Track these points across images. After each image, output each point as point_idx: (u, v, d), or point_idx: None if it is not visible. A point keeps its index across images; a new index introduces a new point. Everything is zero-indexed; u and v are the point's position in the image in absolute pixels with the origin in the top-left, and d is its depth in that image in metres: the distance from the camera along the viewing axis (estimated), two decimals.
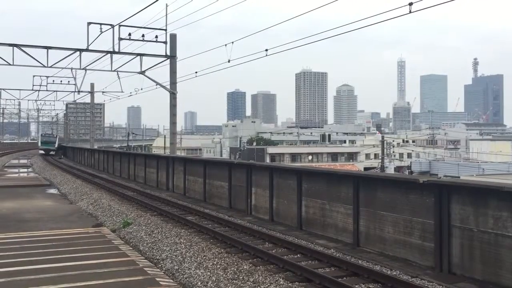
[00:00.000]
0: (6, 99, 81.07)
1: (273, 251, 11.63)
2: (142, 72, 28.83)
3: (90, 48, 26.42)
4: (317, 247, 12.01)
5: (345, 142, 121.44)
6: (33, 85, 44.86)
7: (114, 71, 29.77)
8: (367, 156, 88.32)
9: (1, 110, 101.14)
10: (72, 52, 26.90)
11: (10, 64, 26.57)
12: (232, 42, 22.05)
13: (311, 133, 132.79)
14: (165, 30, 26.52)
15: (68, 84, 45.44)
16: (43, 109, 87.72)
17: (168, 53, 27.50)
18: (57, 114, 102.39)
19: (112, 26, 25.73)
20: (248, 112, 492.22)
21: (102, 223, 17.24)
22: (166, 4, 26.17)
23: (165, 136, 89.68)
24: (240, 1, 20.75)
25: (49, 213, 18.64)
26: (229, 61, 22.77)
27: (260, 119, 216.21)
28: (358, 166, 78.72)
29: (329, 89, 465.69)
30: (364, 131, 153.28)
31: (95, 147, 59.66)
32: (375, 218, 11.64)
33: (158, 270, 10.86)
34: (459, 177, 40.30)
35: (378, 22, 13.07)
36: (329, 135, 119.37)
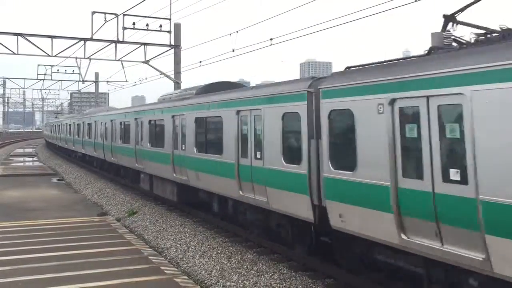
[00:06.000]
0: (11, 88, 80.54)
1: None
2: (147, 62, 28.75)
3: (94, 37, 26.34)
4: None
5: None
6: (38, 74, 44.93)
7: (119, 60, 29.68)
8: None
9: (6, 99, 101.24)
10: (76, 41, 26.81)
11: (14, 53, 26.53)
12: (237, 31, 21.85)
13: None
14: (170, 19, 26.38)
15: (73, 73, 45.50)
16: (47, 98, 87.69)
17: (173, 43, 27.38)
18: (62, 103, 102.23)
19: (116, 15, 25.61)
20: None
21: (106, 212, 17.31)
22: None
23: None
24: None
25: (54, 202, 18.71)
26: (233, 51, 22.58)
27: None
28: None
29: None
30: None
31: None
32: None
33: (163, 258, 10.89)
34: None
35: (384, 11, 12.92)
36: None
